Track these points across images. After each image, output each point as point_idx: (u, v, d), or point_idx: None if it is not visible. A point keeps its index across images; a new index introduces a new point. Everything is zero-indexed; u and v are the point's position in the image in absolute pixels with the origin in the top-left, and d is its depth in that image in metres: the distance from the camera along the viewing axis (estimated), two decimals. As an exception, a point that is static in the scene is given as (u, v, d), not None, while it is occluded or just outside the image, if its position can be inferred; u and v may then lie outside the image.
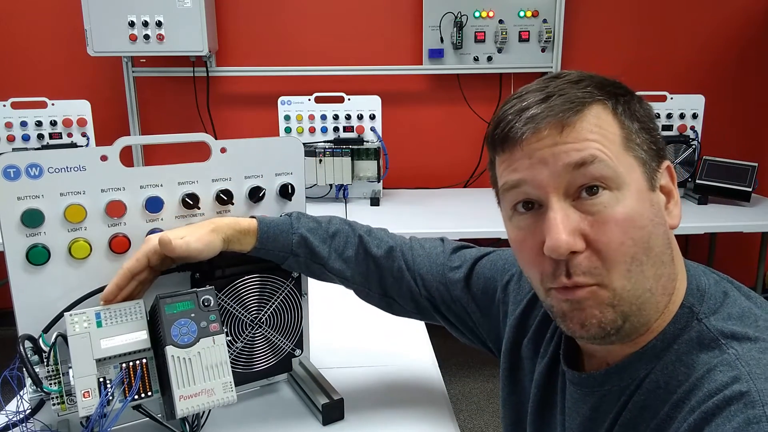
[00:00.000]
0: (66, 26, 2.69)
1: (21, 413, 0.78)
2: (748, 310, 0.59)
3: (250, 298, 0.91)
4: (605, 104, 0.59)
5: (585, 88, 0.59)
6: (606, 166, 0.56)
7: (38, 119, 2.40)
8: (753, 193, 2.41)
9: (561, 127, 0.57)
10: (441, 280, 0.89)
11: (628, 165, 0.58)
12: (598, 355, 0.66)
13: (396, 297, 0.91)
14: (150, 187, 0.85)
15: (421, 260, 0.91)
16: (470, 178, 2.95)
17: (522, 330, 0.80)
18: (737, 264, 3.06)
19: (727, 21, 2.91)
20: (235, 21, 2.80)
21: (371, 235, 0.91)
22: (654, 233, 0.58)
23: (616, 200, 0.56)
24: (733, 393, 0.51)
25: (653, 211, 0.59)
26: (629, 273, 0.57)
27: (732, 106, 2.96)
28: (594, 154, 0.56)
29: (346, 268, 0.89)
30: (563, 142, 0.57)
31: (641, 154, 0.59)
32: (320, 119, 2.50)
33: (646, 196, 0.58)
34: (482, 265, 0.89)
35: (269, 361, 0.95)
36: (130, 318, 0.76)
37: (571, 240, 0.56)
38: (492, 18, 2.75)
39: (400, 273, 0.90)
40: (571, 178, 0.57)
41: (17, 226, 0.77)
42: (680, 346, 0.58)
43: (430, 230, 2.20)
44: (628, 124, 0.59)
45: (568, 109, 0.57)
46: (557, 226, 0.56)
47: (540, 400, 0.75)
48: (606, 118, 0.59)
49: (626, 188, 0.57)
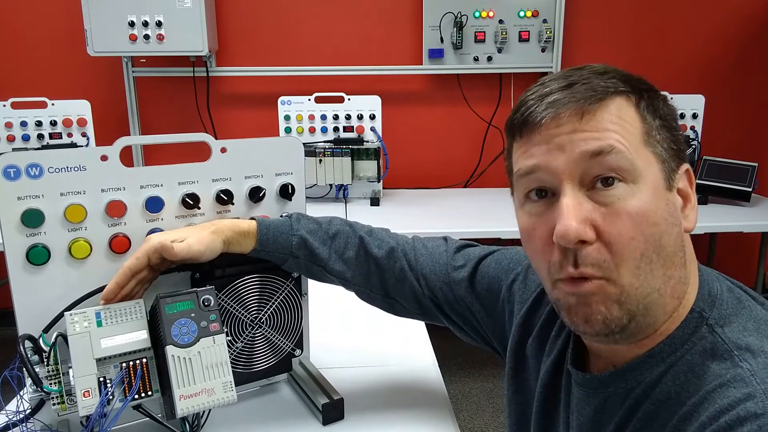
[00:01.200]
0: (66, 26, 2.69)
1: (21, 413, 0.78)
2: (764, 321, 0.58)
3: (250, 297, 0.91)
4: (629, 97, 0.58)
5: (610, 79, 0.58)
6: (623, 158, 0.55)
7: (38, 119, 2.40)
8: (753, 193, 2.41)
9: (581, 114, 0.56)
10: (444, 279, 0.89)
11: (647, 160, 0.57)
12: (604, 356, 0.66)
13: (398, 298, 0.91)
14: (150, 187, 0.85)
15: (424, 260, 0.90)
16: (470, 178, 2.95)
17: (527, 329, 0.80)
18: (737, 264, 3.06)
19: (727, 21, 2.91)
20: (235, 21, 2.80)
21: (372, 236, 0.91)
22: (667, 232, 0.57)
23: (632, 193, 0.55)
24: (747, 413, 0.49)
25: (668, 210, 0.57)
26: (638, 270, 0.56)
27: (732, 106, 2.96)
28: (612, 144, 0.55)
29: (346, 270, 0.89)
30: (582, 130, 0.56)
31: (661, 151, 0.58)
32: (320, 119, 2.50)
33: (662, 194, 0.57)
34: (486, 264, 0.88)
35: (269, 361, 0.95)
36: (131, 318, 0.76)
37: (582, 228, 0.55)
38: (492, 18, 2.75)
39: (402, 273, 0.89)
40: (588, 167, 0.56)
41: (17, 226, 0.77)
42: (693, 357, 0.57)
43: (430, 230, 2.20)
44: (650, 120, 0.58)
45: (591, 97, 0.57)
46: (569, 213, 0.55)
47: (545, 399, 0.74)
48: (628, 111, 0.58)
49: (642, 182, 0.56)
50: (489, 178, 2.93)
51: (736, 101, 2.98)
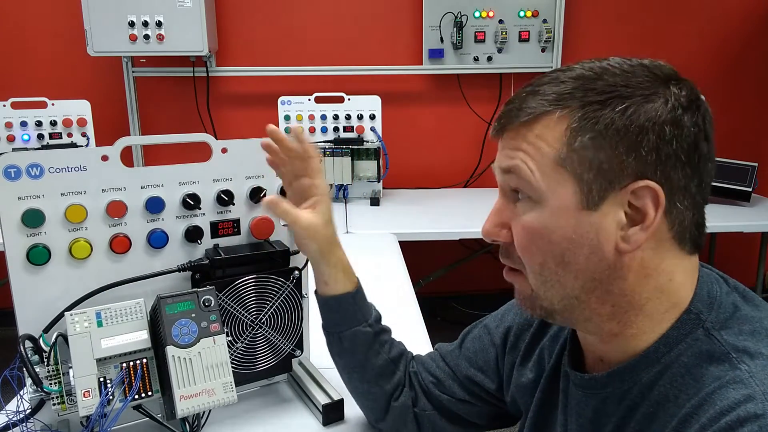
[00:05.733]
0: (66, 26, 2.68)
1: (21, 413, 0.78)
2: (759, 325, 0.58)
3: (250, 298, 0.91)
4: (561, 116, 0.57)
5: (556, 94, 0.57)
6: (524, 179, 0.59)
7: (38, 119, 2.40)
8: (753, 193, 2.41)
9: (514, 130, 0.61)
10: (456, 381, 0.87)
11: (556, 180, 0.57)
12: (599, 356, 0.66)
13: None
14: (151, 187, 0.85)
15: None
16: (470, 178, 2.95)
17: (528, 357, 0.80)
18: (737, 264, 3.06)
19: (727, 21, 2.91)
20: (235, 21, 2.80)
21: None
22: (570, 251, 0.57)
23: (531, 210, 0.60)
24: (747, 414, 0.49)
25: (578, 231, 0.57)
26: (542, 278, 0.60)
27: (732, 106, 2.96)
28: (517, 164, 0.59)
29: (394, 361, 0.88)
30: (506, 147, 0.62)
31: (581, 171, 0.56)
32: (320, 119, 2.50)
33: (571, 215, 0.57)
34: (466, 346, 0.88)
35: (269, 361, 0.95)
36: (131, 318, 0.77)
37: (494, 231, 0.63)
38: (492, 18, 2.75)
39: None
40: (505, 180, 0.63)
41: (18, 226, 0.77)
42: (689, 359, 0.57)
43: (430, 230, 2.21)
44: (580, 139, 0.55)
45: (523, 115, 0.59)
46: (489, 216, 0.65)
47: (542, 403, 0.75)
48: (553, 131, 0.57)
49: (544, 203, 0.58)
50: (489, 178, 2.93)
51: (736, 101, 2.98)
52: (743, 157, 2.53)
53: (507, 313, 0.85)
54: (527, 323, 0.81)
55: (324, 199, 0.84)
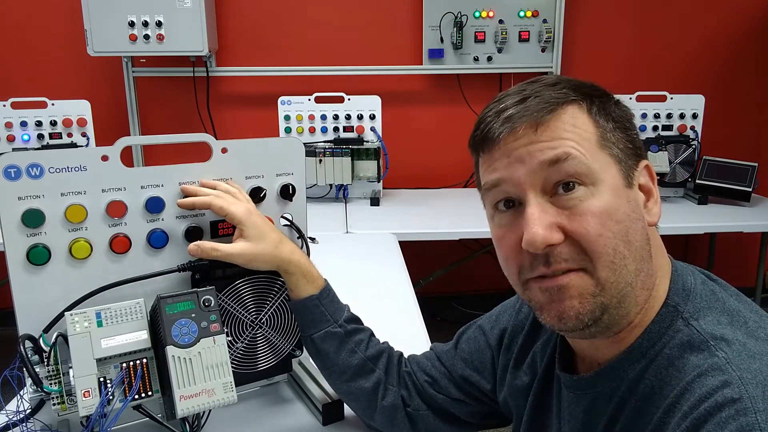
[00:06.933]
0: (66, 26, 2.69)
1: (21, 413, 0.78)
2: (737, 312, 0.59)
3: (250, 298, 0.91)
4: (580, 104, 0.61)
5: (560, 90, 0.61)
6: (580, 163, 0.58)
7: (38, 119, 2.40)
8: (753, 193, 2.41)
9: (536, 126, 0.59)
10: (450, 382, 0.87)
11: (603, 162, 0.60)
12: (588, 356, 0.67)
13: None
14: (151, 187, 0.85)
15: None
16: (470, 178, 2.95)
17: (523, 357, 0.80)
18: (737, 264, 3.07)
19: (727, 21, 2.91)
20: (235, 21, 2.80)
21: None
22: (632, 228, 0.59)
23: (592, 194, 0.58)
24: (724, 399, 0.50)
25: (630, 207, 0.60)
26: (614, 265, 0.58)
27: (732, 106, 2.96)
28: (568, 151, 0.58)
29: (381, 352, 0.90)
30: (538, 141, 0.59)
31: (616, 152, 0.61)
32: (320, 119, 2.50)
33: (622, 192, 0.60)
34: (461, 347, 0.88)
35: (269, 361, 0.95)
36: (131, 318, 0.76)
37: (548, 234, 0.57)
38: (492, 18, 2.75)
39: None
40: (547, 175, 0.59)
41: (18, 226, 0.77)
42: (672, 351, 0.58)
43: (430, 230, 2.20)
44: (603, 124, 0.61)
45: (543, 109, 0.59)
46: (534, 221, 0.58)
47: (535, 404, 0.75)
48: (581, 117, 0.61)
49: (601, 184, 0.58)
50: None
51: (736, 101, 2.98)
52: (743, 157, 2.53)
53: (502, 314, 0.86)
54: (520, 325, 0.81)
55: (246, 223, 0.83)
